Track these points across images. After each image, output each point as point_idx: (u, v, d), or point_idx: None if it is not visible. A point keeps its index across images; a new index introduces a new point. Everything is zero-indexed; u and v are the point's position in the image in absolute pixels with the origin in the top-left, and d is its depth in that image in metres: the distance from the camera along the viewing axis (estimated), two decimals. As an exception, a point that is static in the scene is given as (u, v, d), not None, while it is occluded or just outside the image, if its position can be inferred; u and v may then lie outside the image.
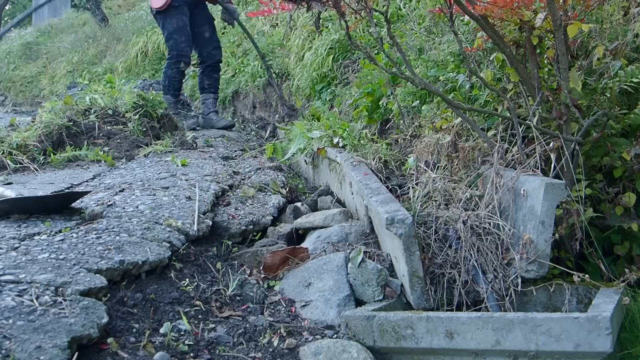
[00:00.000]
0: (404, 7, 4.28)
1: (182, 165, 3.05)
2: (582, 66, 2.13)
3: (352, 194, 2.42)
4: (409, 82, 2.29)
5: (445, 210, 1.98)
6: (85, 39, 10.56)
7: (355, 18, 1.91)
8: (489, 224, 1.87)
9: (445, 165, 2.28)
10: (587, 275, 1.68)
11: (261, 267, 1.97)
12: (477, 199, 2.01)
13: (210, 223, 2.20)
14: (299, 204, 2.65)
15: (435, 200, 2.06)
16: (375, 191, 1.94)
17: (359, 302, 1.74)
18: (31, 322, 1.21)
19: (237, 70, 6.51)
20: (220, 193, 2.60)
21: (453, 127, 2.35)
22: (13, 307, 1.25)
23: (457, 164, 2.26)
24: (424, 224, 1.90)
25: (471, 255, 1.79)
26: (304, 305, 1.74)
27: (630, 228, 1.95)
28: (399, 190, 2.32)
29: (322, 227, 2.28)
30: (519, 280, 1.72)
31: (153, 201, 2.26)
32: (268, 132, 5.19)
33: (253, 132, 5.32)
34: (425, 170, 2.26)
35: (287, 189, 2.94)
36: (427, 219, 1.92)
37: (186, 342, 1.42)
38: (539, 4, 1.91)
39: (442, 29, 3.36)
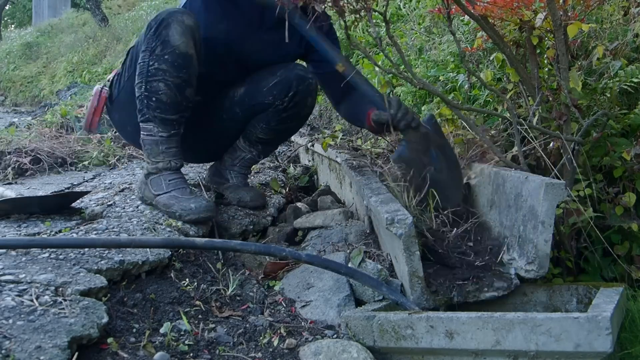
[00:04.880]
0: (404, 7, 4.28)
1: (182, 165, 3.04)
2: (582, 66, 2.13)
3: (352, 194, 2.42)
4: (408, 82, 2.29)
5: (445, 210, 1.98)
6: (85, 39, 10.56)
7: (355, 18, 1.91)
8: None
9: (445, 165, 2.27)
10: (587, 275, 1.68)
11: (261, 272, 1.97)
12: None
13: (210, 223, 2.20)
14: (299, 204, 2.65)
15: (435, 200, 2.06)
16: (375, 191, 1.94)
17: (359, 302, 1.74)
18: (31, 322, 1.21)
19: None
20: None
21: (453, 127, 2.35)
22: (13, 307, 1.25)
23: (457, 164, 2.25)
24: (424, 224, 1.90)
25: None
26: (304, 305, 1.74)
27: (630, 228, 1.94)
28: (399, 190, 2.32)
29: (322, 227, 2.28)
30: (519, 281, 1.72)
31: (153, 201, 2.25)
32: None
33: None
34: (425, 170, 2.26)
35: (287, 189, 2.94)
36: (427, 219, 1.92)
37: (186, 342, 1.42)
38: (539, 4, 1.91)
39: (442, 29, 3.36)
